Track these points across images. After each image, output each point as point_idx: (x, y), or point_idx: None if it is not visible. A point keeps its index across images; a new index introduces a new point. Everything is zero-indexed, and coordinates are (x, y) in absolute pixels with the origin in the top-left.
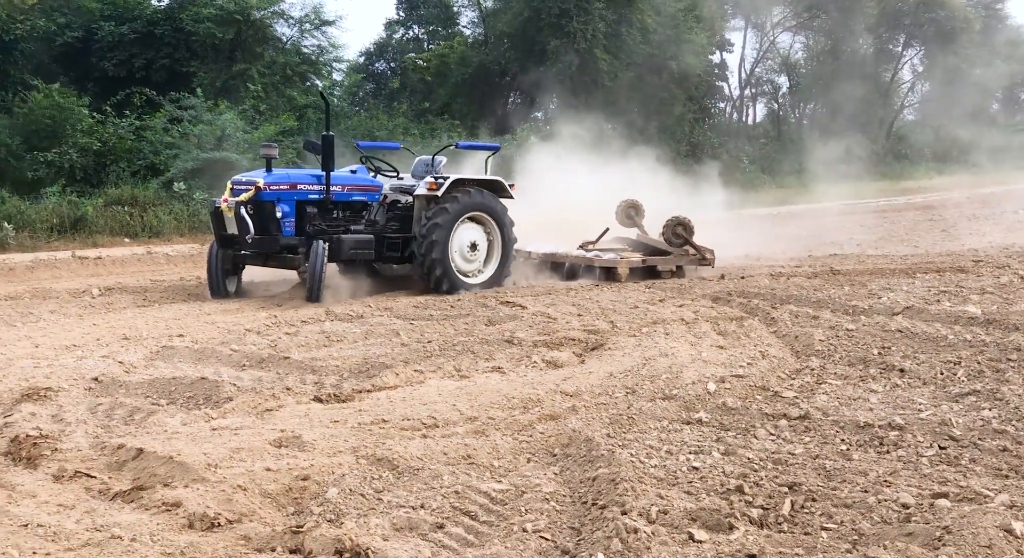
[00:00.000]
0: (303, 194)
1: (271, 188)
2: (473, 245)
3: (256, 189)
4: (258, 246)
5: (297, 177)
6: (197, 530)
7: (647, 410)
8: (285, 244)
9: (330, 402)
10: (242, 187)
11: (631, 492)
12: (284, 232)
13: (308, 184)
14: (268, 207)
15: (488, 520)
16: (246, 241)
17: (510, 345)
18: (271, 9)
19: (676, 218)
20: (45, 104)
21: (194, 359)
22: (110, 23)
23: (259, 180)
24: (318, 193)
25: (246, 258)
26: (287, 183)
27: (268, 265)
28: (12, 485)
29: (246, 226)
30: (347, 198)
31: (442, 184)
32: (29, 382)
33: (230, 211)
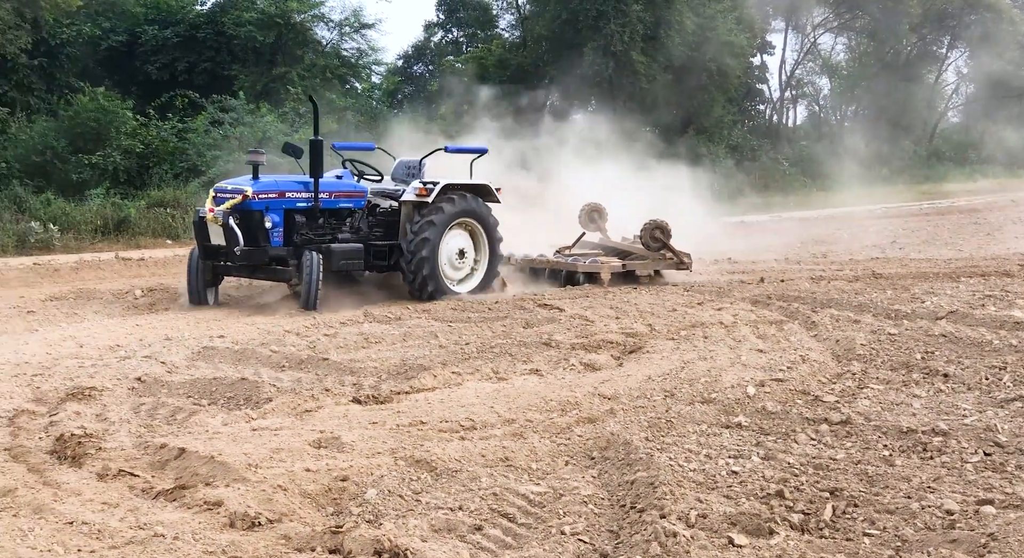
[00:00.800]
0: (291, 202)
1: (259, 197)
2: (461, 252)
3: (243, 197)
4: (247, 258)
5: (285, 185)
6: (238, 529)
7: (686, 414)
8: (274, 255)
9: (369, 403)
10: (227, 196)
11: (670, 496)
12: (272, 243)
13: (296, 192)
14: (256, 217)
15: (526, 522)
16: (234, 253)
17: (548, 348)
18: (311, 12)
19: (654, 221)
20: (90, 107)
21: (234, 360)
22: (154, 27)
23: (247, 188)
24: (306, 201)
25: (230, 270)
26: (275, 191)
27: (255, 277)
28: (58, 483)
29: (235, 237)
30: (334, 205)
31: (432, 189)
32: (74, 381)
33: (216, 221)
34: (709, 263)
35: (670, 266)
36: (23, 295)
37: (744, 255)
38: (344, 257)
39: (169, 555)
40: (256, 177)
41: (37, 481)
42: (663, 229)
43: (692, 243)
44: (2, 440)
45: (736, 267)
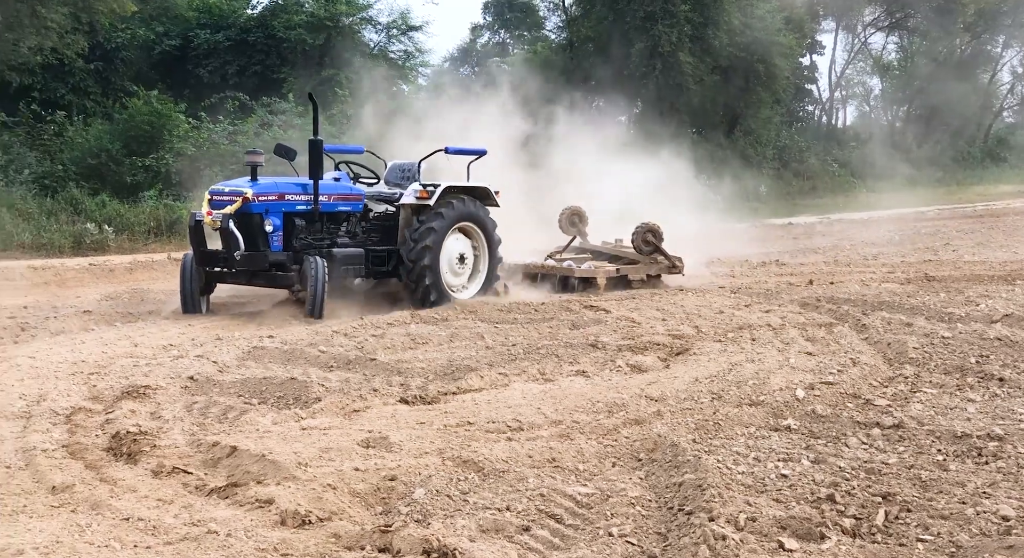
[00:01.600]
0: (291, 205)
1: (259, 199)
2: (461, 257)
3: (244, 200)
4: (247, 263)
5: (285, 187)
6: (289, 527)
7: (734, 416)
8: (274, 261)
9: (416, 404)
10: (225, 198)
11: (718, 498)
12: (272, 247)
13: (295, 194)
14: (256, 220)
15: (574, 523)
16: (234, 258)
17: (594, 349)
18: (360, 15)
19: (646, 224)
20: (144, 110)
21: (284, 360)
22: (206, 31)
23: (247, 190)
24: (306, 204)
25: (225, 276)
26: (275, 193)
27: (254, 283)
28: (114, 480)
29: (235, 242)
30: (332, 209)
31: (433, 192)
32: (129, 380)
33: (215, 224)
34: (756, 265)
35: (662, 270)
36: (79, 295)
37: (792, 257)
38: (346, 263)
39: (222, 552)
40: (255, 179)
41: (94, 477)
42: (655, 232)
43: (738, 244)
44: (60, 437)
45: (784, 269)
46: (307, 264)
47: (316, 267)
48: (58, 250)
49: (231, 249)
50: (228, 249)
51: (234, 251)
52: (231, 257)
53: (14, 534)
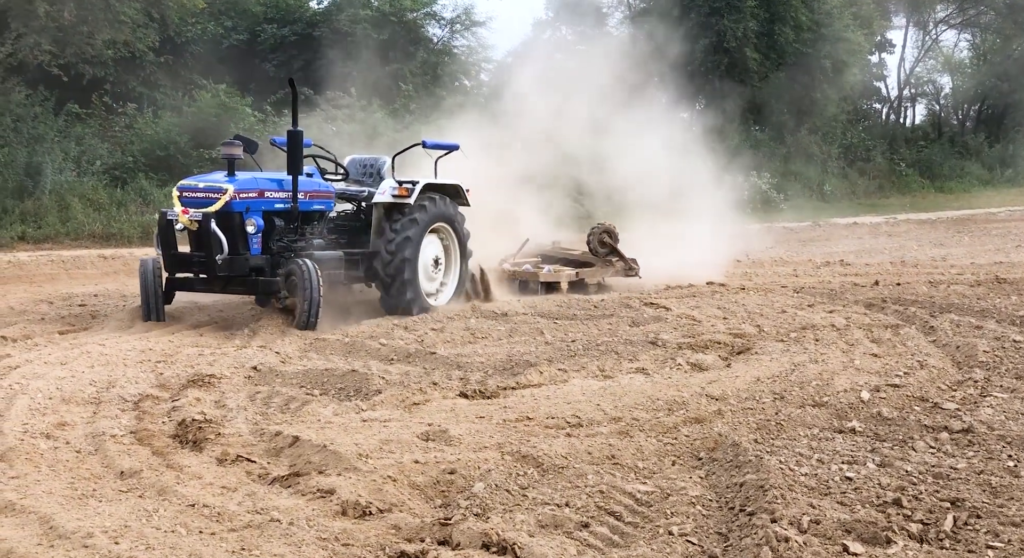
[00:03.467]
0: (270, 204)
1: (241, 196)
2: (436, 261)
3: (229, 198)
4: (228, 268)
5: (264, 183)
6: (350, 517)
7: (796, 417)
8: (255, 265)
9: (475, 398)
10: (199, 195)
11: (781, 500)
12: (252, 251)
13: (274, 191)
14: (237, 220)
15: (633, 521)
16: (214, 262)
17: (654, 346)
18: (424, 10)
19: (602, 225)
20: (212, 104)
21: (345, 352)
22: (272, 26)
23: (228, 186)
24: (284, 202)
25: (194, 283)
26: (256, 190)
27: (232, 291)
28: (180, 466)
29: (218, 244)
30: (307, 207)
31: (412, 190)
32: (195, 369)
33: (193, 225)
34: (820, 265)
35: (618, 273)
36: None
37: (857, 257)
38: (329, 267)
39: (285, 540)
40: (232, 174)
41: (161, 464)
42: (611, 233)
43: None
44: (128, 423)
45: (848, 270)
46: (296, 269)
47: (309, 273)
48: (127, 240)
49: (212, 252)
50: (207, 252)
51: (216, 254)
52: (210, 261)
53: (84, 517)
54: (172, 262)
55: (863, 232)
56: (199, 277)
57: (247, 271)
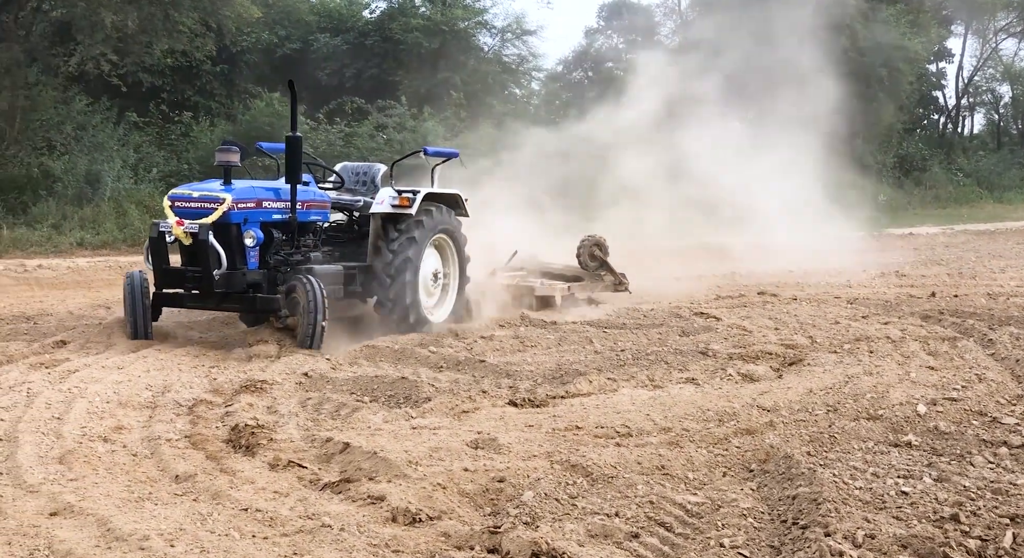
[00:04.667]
0: (267, 214)
1: (239, 207)
2: (435, 276)
3: (228, 208)
4: (225, 284)
5: (261, 192)
6: (400, 524)
7: (850, 429)
8: (252, 281)
9: (525, 407)
10: (193, 205)
11: (835, 513)
12: (249, 265)
13: (271, 201)
14: (234, 232)
15: (684, 532)
16: (211, 278)
17: (704, 357)
18: (476, 19)
19: (592, 238)
20: (266, 112)
21: (395, 359)
22: (325, 35)
23: (226, 196)
24: (282, 212)
25: (185, 299)
26: (254, 200)
27: (226, 308)
28: (233, 471)
29: (216, 258)
30: (305, 218)
31: (413, 199)
32: (247, 374)
33: (187, 237)
34: (875, 276)
35: (607, 287)
36: None
37: (913, 268)
38: (329, 282)
39: (336, 545)
40: (228, 182)
41: (215, 468)
42: (601, 246)
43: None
44: (183, 427)
45: (904, 281)
46: (299, 286)
47: (314, 290)
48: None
49: (208, 267)
50: (204, 267)
51: (213, 269)
52: (206, 276)
53: (140, 520)
54: (164, 277)
55: (919, 243)
56: (191, 293)
57: (244, 287)
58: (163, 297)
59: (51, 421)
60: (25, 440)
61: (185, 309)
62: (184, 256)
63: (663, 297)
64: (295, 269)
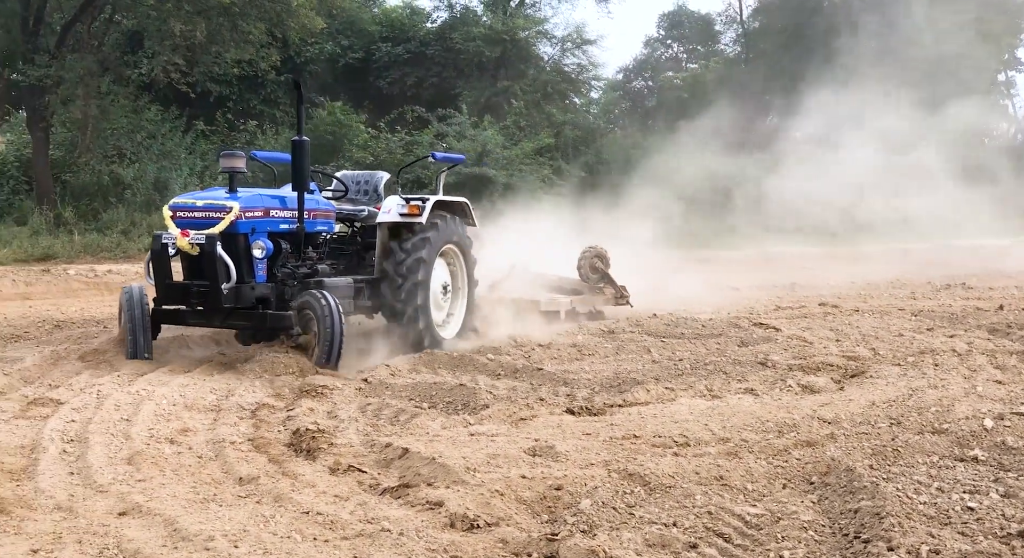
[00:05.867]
0: (275, 224)
1: (247, 216)
2: (444, 288)
3: (235, 217)
4: (235, 299)
5: (268, 200)
6: (458, 530)
7: (914, 443)
8: (260, 295)
9: (582, 415)
10: (197, 215)
11: (898, 528)
12: (257, 278)
13: (279, 210)
14: (242, 243)
15: (743, 544)
16: (219, 292)
17: (764, 367)
18: (536, 29)
19: (594, 249)
20: (329, 121)
21: (453, 366)
22: (387, 44)
23: (233, 204)
24: (289, 222)
25: (187, 316)
26: (261, 209)
27: (231, 325)
28: (295, 474)
29: (225, 271)
30: (311, 229)
31: (423, 207)
32: (307, 379)
33: (194, 249)
34: (939, 288)
35: (608, 301)
36: None
37: (980, 281)
38: (341, 296)
39: (395, 550)
40: (233, 190)
41: (277, 471)
42: (602, 258)
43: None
44: (246, 431)
45: (971, 293)
46: (313, 302)
47: (329, 307)
48: None
49: (217, 281)
50: (212, 281)
51: (221, 283)
52: (214, 291)
53: (205, 521)
54: (167, 292)
55: (987, 254)
56: (194, 309)
57: (253, 302)
58: (163, 314)
59: (120, 423)
60: (95, 441)
61: (184, 326)
62: (188, 269)
63: (721, 307)
64: (303, 283)
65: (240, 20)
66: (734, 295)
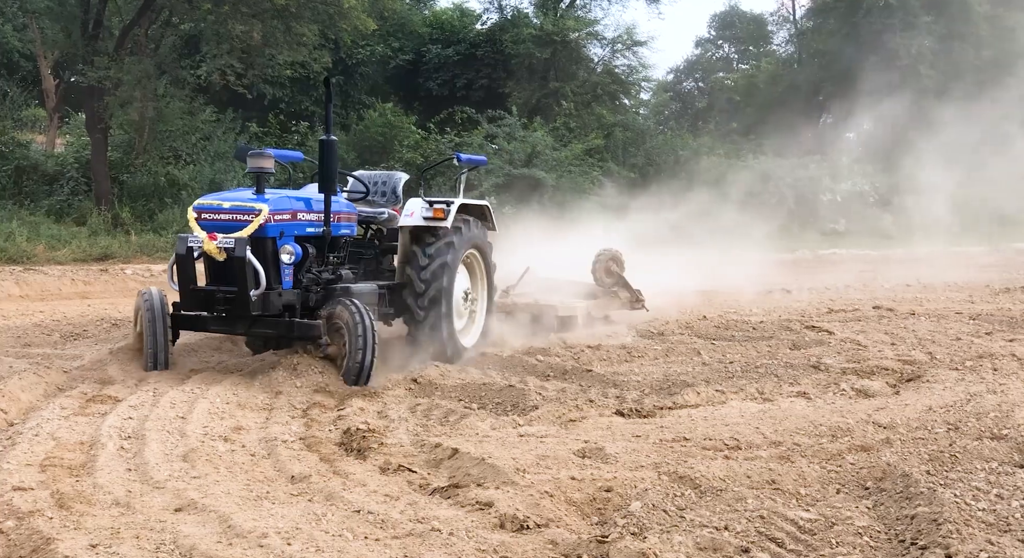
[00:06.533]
0: (301, 228)
1: (276, 219)
2: (466, 295)
3: (265, 221)
4: (262, 306)
5: (295, 203)
6: (508, 530)
7: (973, 449)
8: (287, 303)
9: (632, 417)
10: (224, 217)
11: (956, 535)
12: (284, 284)
13: (304, 212)
14: (270, 247)
15: (796, 549)
16: (248, 300)
17: (816, 371)
18: (587, 30)
19: (608, 251)
20: (379, 122)
21: (502, 367)
22: (437, 46)
23: (263, 206)
24: (315, 225)
25: (207, 322)
26: (289, 211)
27: (256, 333)
28: (345, 473)
29: (255, 277)
30: (336, 232)
31: (448, 211)
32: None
33: (221, 254)
34: (998, 291)
35: (624, 305)
36: None
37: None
38: (367, 303)
39: (445, 549)
40: (261, 190)
41: (328, 470)
42: (617, 260)
43: (976, 269)
44: (298, 429)
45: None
46: (345, 312)
47: (362, 317)
48: None
49: (246, 287)
50: (240, 287)
51: (251, 289)
52: (243, 298)
53: (259, 518)
54: (191, 299)
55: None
56: (216, 316)
57: (280, 309)
58: (182, 319)
59: (175, 420)
60: (152, 438)
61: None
62: (213, 274)
63: (772, 309)
64: (327, 289)
65: (294, 22)
66: (785, 297)
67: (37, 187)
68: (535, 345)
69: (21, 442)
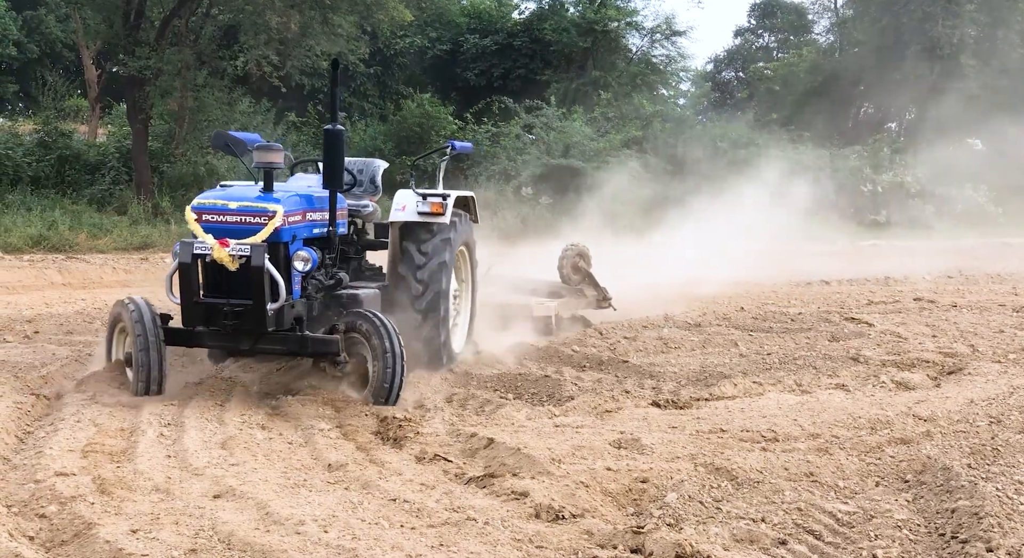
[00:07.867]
0: (309, 229)
1: (290, 221)
2: (455, 295)
3: (280, 223)
4: (276, 321)
5: (304, 202)
6: (543, 520)
7: (1015, 442)
8: (297, 315)
9: (668, 408)
10: (231, 220)
11: (998, 529)
12: (294, 294)
13: (314, 211)
14: (283, 252)
15: (834, 542)
16: (264, 314)
17: (855, 363)
18: (626, 20)
19: (575, 247)
20: (416, 112)
21: (538, 357)
22: (474, 36)
23: (277, 207)
24: (321, 225)
25: (204, 337)
26: (300, 212)
27: (262, 351)
28: (382, 462)
29: (274, 288)
30: (337, 231)
31: (445, 205)
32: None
33: (234, 263)
34: None
35: (590, 304)
36: None
37: None
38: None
39: (481, 539)
40: (270, 189)
41: (364, 458)
42: (584, 256)
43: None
44: (334, 418)
45: None
46: (368, 326)
47: (387, 330)
48: None
49: (263, 300)
50: (256, 299)
51: (268, 302)
52: (258, 312)
53: (296, 505)
54: (194, 312)
55: None
56: (216, 330)
57: (291, 323)
58: (173, 334)
59: (214, 408)
60: (191, 425)
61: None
62: (214, 285)
63: (810, 301)
64: (331, 297)
65: (331, 13)
66: (824, 289)
67: (79, 176)
68: (570, 337)
69: (63, 428)
